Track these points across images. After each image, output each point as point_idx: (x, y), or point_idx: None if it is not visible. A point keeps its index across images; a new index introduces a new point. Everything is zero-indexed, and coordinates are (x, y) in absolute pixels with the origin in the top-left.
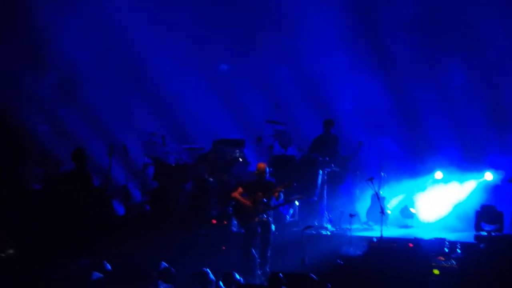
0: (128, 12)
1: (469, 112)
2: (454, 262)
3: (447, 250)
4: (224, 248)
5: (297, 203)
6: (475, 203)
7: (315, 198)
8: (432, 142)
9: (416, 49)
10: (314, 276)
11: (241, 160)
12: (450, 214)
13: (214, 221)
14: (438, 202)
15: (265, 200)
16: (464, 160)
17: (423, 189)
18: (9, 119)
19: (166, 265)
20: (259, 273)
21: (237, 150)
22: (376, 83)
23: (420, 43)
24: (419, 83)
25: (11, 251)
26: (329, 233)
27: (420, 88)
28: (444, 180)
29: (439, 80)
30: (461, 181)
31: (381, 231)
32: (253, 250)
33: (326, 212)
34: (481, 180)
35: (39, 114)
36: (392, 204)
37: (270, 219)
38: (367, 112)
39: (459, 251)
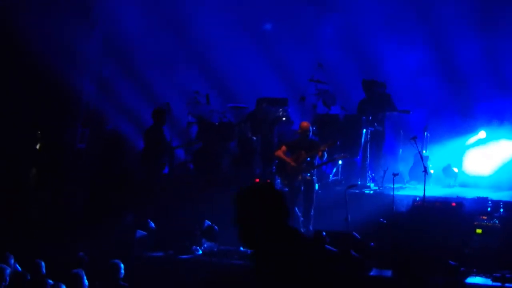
0: None
1: None
2: (497, 221)
3: (490, 210)
4: None
5: (340, 162)
6: None
7: (359, 157)
8: (478, 100)
9: (461, 10)
10: (357, 235)
11: (284, 119)
12: (495, 172)
13: (257, 180)
14: (483, 160)
15: (309, 159)
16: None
17: (467, 147)
18: (55, 78)
19: (210, 223)
20: (302, 231)
21: (281, 109)
22: (421, 40)
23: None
24: (465, 39)
25: None
26: (372, 192)
27: (465, 44)
28: (488, 139)
29: (487, 34)
30: (509, 139)
31: (424, 190)
32: (296, 209)
33: (369, 171)
34: None
35: (84, 73)
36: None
37: (314, 177)
38: (412, 71)
39: (502, 210)
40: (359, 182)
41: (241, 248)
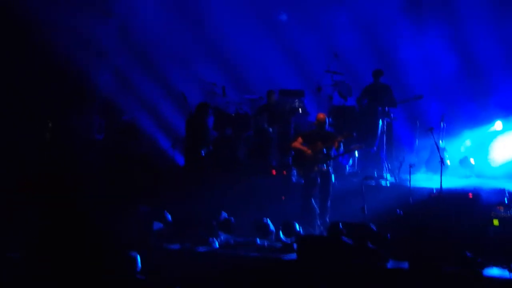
0: None
1: None
2: None
3: (507, 201)
4: (283, 198)
5: (356, 153)
6: None
7: (375, 149)
8: (495, 92)
9: None
10: (373, 226)
11: (300, 110)
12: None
13: (274, 172)
14: (500, 150)
15: (325, 151)
16: None
17: (484, 138)
18: (71, 68)
19: (226, 215)
20: (319, 223)
21: (297, 100)
22: (438, 28)
23: None
24: (483, 28)
25: None
26: (388, 184)
27: (483, 33)
28: (505, 130)
29: (505, 23)
30: None
31: (440, 181)
32: (313, 200)
33: (385, 163)
34: None
35: (100, 64)
36: (465, 144)
37: (330, 169)
38: (428, 62)
39: None
40: (375, 174)
41: (258, 240)
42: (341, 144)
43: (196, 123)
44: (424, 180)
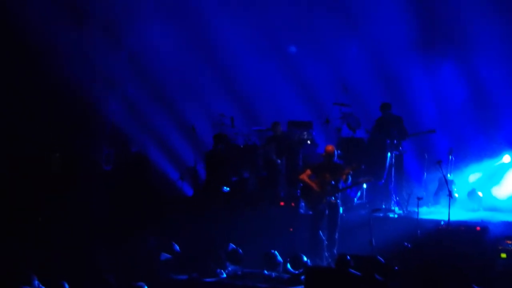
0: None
1: None
2: None
3: None
4: (291, 229)
5: (365, 185)
6: None
7: (383, 181)
8: (503, 125)
9: (489, 30)
10: (381, 259)
11: (309, 142)
12: None
13: (282, 203)
14: (508, 184)
15: (333, 182)
16: None
17: (492, 171)
18: (81, 97)
19: (234, 246)
20: (327, 255)
21: (305, 132)
22: (446, 66)
23: (494, 22)
24: (492, 64)
25: None
26: (396, 216)
27: (492, 69)
28: None
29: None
30: None
31: (448, 214)
32: (321, 232)
33: (393, 195)
34: None
35: (110, 94)
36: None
37: (338, 201)
38: (437, 96)
39: None
40: (383, 206)
41: (265, 272)
42: (350, 176)
43: (216, 158)
44: (432, 212)
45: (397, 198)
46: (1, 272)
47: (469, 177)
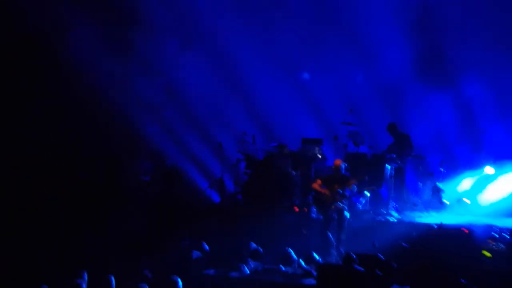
0: (230, 32)
1: None
2: (502, 245)
3: (496, 235)
4: (305, 232)
5: (368, 194)
6: None
7: (384, 190)
8: (488, 143)
9: (475, 56)
10: (382, 257)
11: (320, 156)
12: (502, 202)
13: (296, 209)
14: (491, 192)
15: (341, 191)
16: None
17: (478, 181)
18: (123, 121)
19: (255, 246)
20: (335, 253)
21: (317, 148)
22: (439, 91)
23: (480, 48)
24: (477, 89)
25: None
26: (395, 220)
27: (478, 94)
28: (496, 174)
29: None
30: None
31: (440, 218)
32: (330, 234)
33: (392, 202)
34: None
35: (148, 116)
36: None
37: (345, 207)
38: (430, 117)
39: (508, 236)
40: (384, 211)
41: (282, 268)
42: (355, 186)
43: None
44: (426, 217)
45: (396, 205)
46: (58, 267)
47: (458, 187)
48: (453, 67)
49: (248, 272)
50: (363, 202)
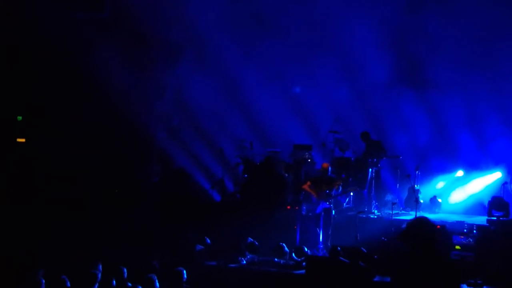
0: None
1: (490, 124)
2: (471, 240)
3: (465, 230)
4: (295, 227)
5: (352, 193)
6: (488, 195)
7: (366, 190)
8: (457, 148)
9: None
10: (364, 249)
11: (309, 160)
12: (469, 202)
13: (288, 207)
14: (461, 193)
15: (328, 191)
16: (482, 162)
17: (449, 183)
18: (138, 129)
19: (252, 239)
20: (322, 247)
21: (307, 153)
22: (413, 100)
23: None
24: (449, 99)
25: None
26: (375, 217)
27: (450, 104)
28: (465, 177)
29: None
30: (478, 177)
31: (415, 215)
32: (317, 229)
33: (373, 201)
34: (494, 177)
35: (158, 124)
36: (438, 186)
37: (331, 205)
38: (407, 124)
39: (475, 231)
40: (365, 209)
41: (275, 259)
42: (340, 187)
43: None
44: (403, 214)
45: (376, 203)
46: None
47: (436, 185)
48: (428, 82)
49: (245, 263)
50: (347, 200)
